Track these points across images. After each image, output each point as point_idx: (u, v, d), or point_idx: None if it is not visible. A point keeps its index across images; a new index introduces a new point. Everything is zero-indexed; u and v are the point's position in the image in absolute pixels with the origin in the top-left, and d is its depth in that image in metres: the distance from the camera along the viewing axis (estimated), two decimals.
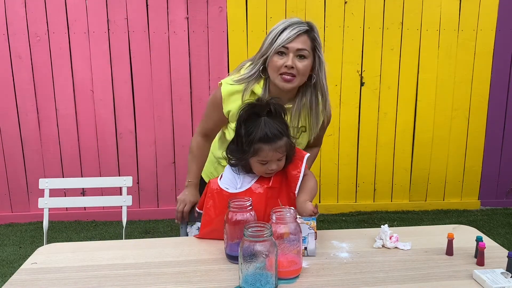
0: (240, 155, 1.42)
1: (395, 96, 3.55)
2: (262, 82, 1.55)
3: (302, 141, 1.63)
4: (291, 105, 1.57)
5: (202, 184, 1.83)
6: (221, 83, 1.61)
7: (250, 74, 1.54)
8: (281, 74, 1.48)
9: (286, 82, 1.49)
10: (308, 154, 1.48)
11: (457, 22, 3.47)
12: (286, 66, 1.47)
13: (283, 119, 1.44)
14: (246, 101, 1.48)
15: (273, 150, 1.37)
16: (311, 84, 1.55)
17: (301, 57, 1.48)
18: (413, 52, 3.49)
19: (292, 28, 1.47)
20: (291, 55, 1.47)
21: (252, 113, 1.40)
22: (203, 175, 1.82)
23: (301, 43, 1.48)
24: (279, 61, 1.48)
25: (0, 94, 3.31)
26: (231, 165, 1.47)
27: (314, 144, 1.76)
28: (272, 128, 1.36)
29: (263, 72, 1.54)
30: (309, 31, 1.50)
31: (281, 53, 1.48)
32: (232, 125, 1.60)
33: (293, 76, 1.49)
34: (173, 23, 3.31)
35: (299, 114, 1.58)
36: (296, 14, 3.34)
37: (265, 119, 1.38)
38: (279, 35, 1.47)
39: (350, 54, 3.45)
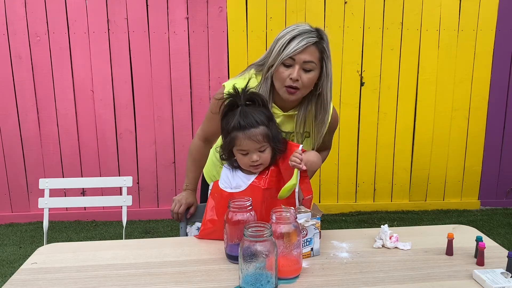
0: (224, 146, 1.43)
1: (395, 96, 3.55)
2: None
3: (305, 147, 1.61)
4: (296, 112, 1.56)
5: (203, 184, 1.83)
6: (224, 85, 1.58)
7: (263, 91, 1.50)
8: (285, 86, 1.46)
9: (290, 95, 1.47)
10: (301, 145, 1.43)
11: (457, 22, 3.47)
12: (291, 79, 1.44)
13: (266, 109, 1.42)
14: (226, 93, 1.46)
15: (248, 138, 1.36)
16: (316, 94, 1.52)
17: (307, 70, 1.45)
18: (413, 52, 3.49)
19: (301, 39, 1.41)
20: (297, 66, 1.43)
21: (231, 104, 1.40)
22: (206, 176, 1.82)
23: (309, 55, 1.43)
24: (284, 72, 1.44)
25: (0, 94, 3.31)
26: (222, 159, 1.49)
27: (324, 148, 1.74)
28: (248, 117, 1.36)
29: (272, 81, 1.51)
30: (318, 42, 1.45)
31: (287, 64, 1.44)
32: None
33: (297, 88, 1.46)
34: (173, 23, 3.31)
35: (305, 121, 1.56)
36: (296, 14, 3.34)
37: (242, 108, 1.37)
38: (286, 45, 1.42)
39: (350, 54, 3.45)
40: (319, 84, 1.50)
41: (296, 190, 1.38)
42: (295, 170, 1.36)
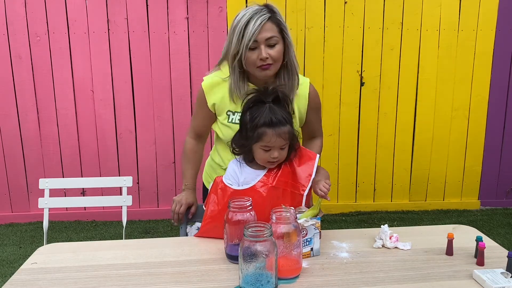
0: (243, 141, 1.43)
1: (395, 96, 3.55)
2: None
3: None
4: None
5: (204, 191, 1.79)
6: (204, 79, 1.63)
7: (233, 80, 1.55)
8: (258, 66, 1.49)
9: (266, 70, 1.50)
10: (318, 156, 1.49)
11: (457, 22, 3.47)
12: (261, 59, 1.47)
13: (288, 108, 1.46)
14: (251, 88, 1.50)
15: (277, 135, 1.38)
16: (284, 65, 1.56)
17: (272, 45, 1.48)
18: (413, 52, 3.49)
19: (255, 20, 1.45)
20: (262, 46, 1.47)
21: (257, 99, 1.42)
22: (204, 181, 1.80)
23: (268, 32, 1.47)
24: (253, 55, 1.48)
25: (0, 94, 3.31)
26: (235, 153, 1.49)
27: (313, 134, 1.73)
28: (277, 114, 1.39)
29: (240, 67, 1.54)
30: (272, 16, 1.49)
31: (252, 47, 1.47)
32: (221, 118, 1.60)
33: (270, 64, 1.49)
34: (173, 23, 3.31)
35: None
36: (296, 14, 3.34)
37: (270, 105, 1.40)
38: (244, 31, 1.46)
39: (350, 54, 3.45)
40: (285, 55, 1.54)
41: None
42: (319, 198, 1.39)
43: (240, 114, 1.54)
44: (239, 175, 1.46)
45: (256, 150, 1.42)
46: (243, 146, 1.45)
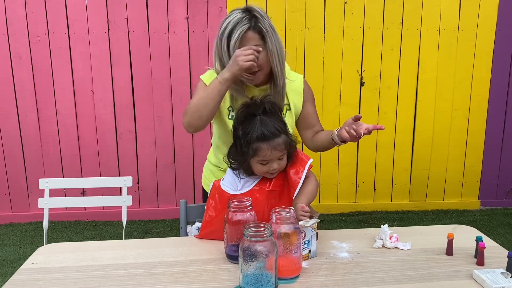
0: (240, 157, 1.41)
1: (395, 96, 3.55)
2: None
3: (288, 119, 1.62)
4: (268, 85, 1.58)
5: (205, 195, 1.78)
6: (201, 78, 1.62)
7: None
8: (245, 74, 1.48)
9: (252, 81, 1.52)
10: (311, 160, 1.45)
11: (457, 22, 3.47)
12: None
13: (280, 116, 1.43)
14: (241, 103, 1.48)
15: (272, 149, 1.35)
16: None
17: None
18: (413, 52, 3.49)
19: (236, 31, 1.45)
20: None
21: (247, 113, 1.39)
22: (204, 185, 1.79)
23: (250, 41, 1.46)
24: None
25: (0, 94, 3.31)
26: (233, 168, 1.46)
27: (315, 126, 1.69)
28: (269, 126, 1.36)
29: None
30: (252, 25, 1.46)
31: None
32: (223, 113, 1.59)
33: (257, 71, 1.49)
34: (173, 23, 3.31)
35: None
36: (296, 14, 3.34)
37: (261, 117, 1.37)
38: (228, 42, 1.46)
39: (350, 54, 3.45)
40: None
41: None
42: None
43: None
44: (237, 182, 1.45)
45: (254, 165, 1.40)
46: (241, 162, 1.42)
